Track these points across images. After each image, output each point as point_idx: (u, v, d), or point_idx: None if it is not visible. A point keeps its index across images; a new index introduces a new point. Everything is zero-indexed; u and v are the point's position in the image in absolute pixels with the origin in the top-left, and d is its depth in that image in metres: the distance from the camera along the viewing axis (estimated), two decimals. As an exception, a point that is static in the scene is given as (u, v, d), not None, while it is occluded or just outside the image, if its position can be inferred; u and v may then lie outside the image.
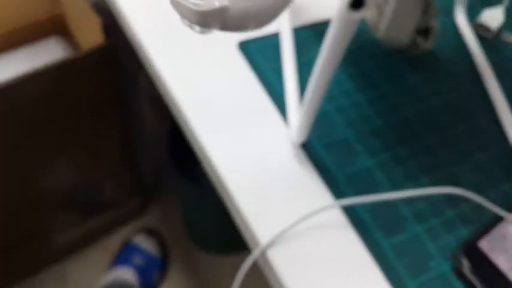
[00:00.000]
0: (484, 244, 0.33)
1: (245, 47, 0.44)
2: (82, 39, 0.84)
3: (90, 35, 0.73)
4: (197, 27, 0.18)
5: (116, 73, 0.73)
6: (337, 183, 0.36)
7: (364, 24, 0.43)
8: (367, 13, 0.27)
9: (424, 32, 0.42)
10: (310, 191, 0.35)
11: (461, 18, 0.48)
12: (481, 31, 0.48)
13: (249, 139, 0.37)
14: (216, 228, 0.99)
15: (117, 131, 0.82)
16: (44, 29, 0.87)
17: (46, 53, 0.84)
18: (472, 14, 0.50)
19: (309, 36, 0.45)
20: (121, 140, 0.84)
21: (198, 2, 0.17)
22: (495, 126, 0.41)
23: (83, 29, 0.80)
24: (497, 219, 0.35)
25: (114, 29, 0.58)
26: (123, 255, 1.01)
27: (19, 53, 0.84)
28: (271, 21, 0.20)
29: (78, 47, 0.87)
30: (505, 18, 0.49)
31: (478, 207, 0.35)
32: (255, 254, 0.32)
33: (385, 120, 0.40)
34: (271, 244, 0.32)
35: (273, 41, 0.45)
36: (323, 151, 0.37)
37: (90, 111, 0.75)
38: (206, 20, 0.18)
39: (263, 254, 0.32)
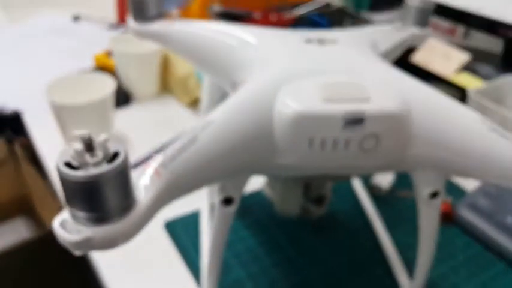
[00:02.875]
0: None
1: (171, 227, 0.50)
2: (47, 217, 0.90)
3: (53, 214, 0.80)
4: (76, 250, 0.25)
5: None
6: None
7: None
8: (234, 208, 0.34)
9: (318, 199, 0.49)
10: None
11: (356, 182, 0.56)
12: (375, 191, 0.55)
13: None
14: None
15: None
16: (12, 209, 0.94)
17: (12, 233, 0.91)
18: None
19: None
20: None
21: (68, 235, 0.24)
22: (390, 277, 0.46)
23: (47, 208, 0.87)
24: None
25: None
26: None
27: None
28: (133, 238, 0.27)
29: (44, 225, 0.93)
30: (395, 178, 0.57)
31: None
32: None
33: (289, 283, 0.45)
34: None
35: (196, 218, 0.52)
36: (233, 319, 0.42)
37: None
38: (78, 247, 0.24)
39: None
